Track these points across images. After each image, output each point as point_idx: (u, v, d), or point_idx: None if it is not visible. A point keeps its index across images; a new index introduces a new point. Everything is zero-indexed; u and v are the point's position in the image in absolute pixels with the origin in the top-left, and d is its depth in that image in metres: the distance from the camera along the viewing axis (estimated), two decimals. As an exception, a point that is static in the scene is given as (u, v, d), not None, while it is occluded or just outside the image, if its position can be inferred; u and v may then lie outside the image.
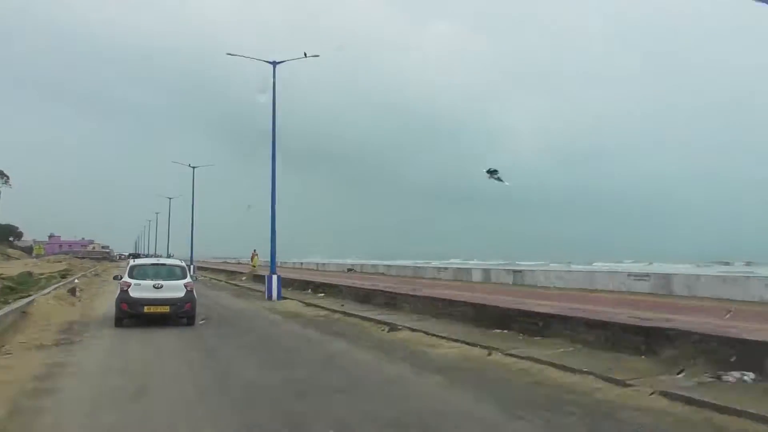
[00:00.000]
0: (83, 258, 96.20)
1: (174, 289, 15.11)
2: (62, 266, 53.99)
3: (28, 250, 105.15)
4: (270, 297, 24.18)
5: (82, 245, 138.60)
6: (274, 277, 24.56)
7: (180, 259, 19.06)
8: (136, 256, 17.92)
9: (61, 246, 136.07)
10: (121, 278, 15.52)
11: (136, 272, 15.38)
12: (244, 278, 39.01)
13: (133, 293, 14.83)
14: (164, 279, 15.25)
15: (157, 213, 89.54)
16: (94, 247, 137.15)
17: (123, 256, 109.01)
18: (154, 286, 14.94)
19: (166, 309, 14.91)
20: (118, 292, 15.17)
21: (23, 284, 27.87)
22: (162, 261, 17.64)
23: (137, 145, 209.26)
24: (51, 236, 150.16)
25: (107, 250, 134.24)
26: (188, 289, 15.35)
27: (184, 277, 15.66)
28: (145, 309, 14.72)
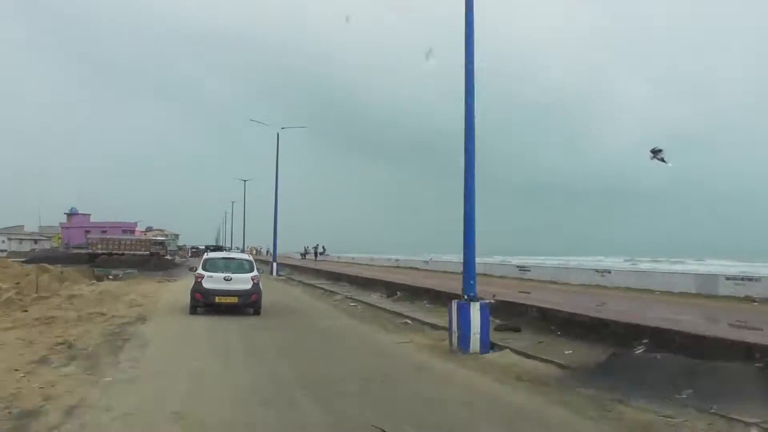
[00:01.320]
0: (90, 259, 54.15)
1: (242, 282, 16.39)
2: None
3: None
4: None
5: (124, 230, 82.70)
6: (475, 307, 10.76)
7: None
8: (217, 248, 19.38)
9: (88, 231, 77.14)
10: (196, 270, 16.96)
11: (209, 265, 16.74)
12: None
13: (206, 284, 16.15)
14: (233, 272, 16.54)
15: (233, 202, 77.35)
16: (156, 234, 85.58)
17: (197, 250, 77.28)
18: (224, 278, 16.24)
19: (234, 299, 16.19)
20: (193, 282, 16.59)
21: None
22: (232, 255, 19.10)
23: (220, 134, 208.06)
24: (70, 213, 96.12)
25: (162, 239, 75.09)
26: (255, 281, 16.65)
27: (252, 270, 16.97)
28: (216, 299, 16.03)
